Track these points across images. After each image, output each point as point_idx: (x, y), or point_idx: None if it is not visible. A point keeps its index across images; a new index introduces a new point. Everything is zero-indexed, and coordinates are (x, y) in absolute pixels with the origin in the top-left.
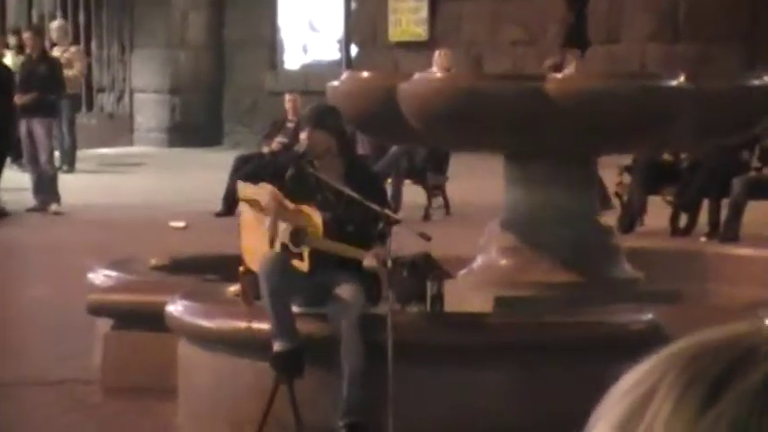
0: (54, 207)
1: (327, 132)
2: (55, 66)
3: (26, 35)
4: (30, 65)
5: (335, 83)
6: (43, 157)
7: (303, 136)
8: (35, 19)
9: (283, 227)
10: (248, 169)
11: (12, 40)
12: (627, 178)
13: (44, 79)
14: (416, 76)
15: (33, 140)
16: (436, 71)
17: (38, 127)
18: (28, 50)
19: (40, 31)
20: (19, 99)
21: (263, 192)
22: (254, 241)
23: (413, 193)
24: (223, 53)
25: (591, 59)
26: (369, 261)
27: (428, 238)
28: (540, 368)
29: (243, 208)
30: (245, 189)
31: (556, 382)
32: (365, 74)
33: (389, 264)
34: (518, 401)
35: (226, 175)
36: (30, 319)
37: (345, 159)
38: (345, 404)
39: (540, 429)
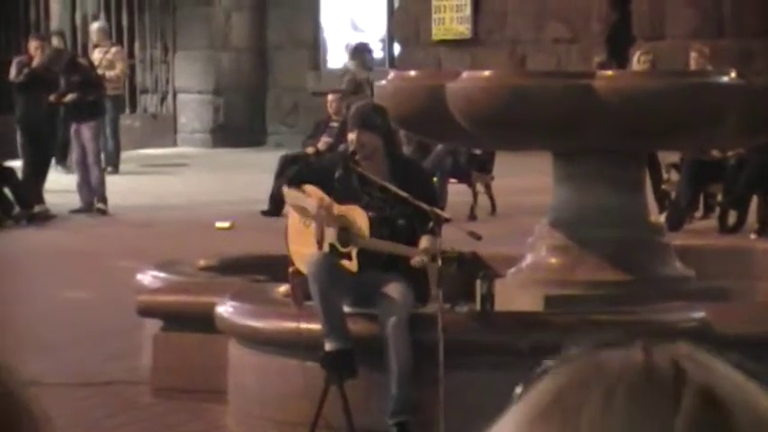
0: (99, 205)
1: (375, 133)
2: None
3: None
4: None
5: (383, 82)
6: (90, 159)
7: (351, 137)
8: (78, 21)
9: (330, 230)
10: (294, 172)
11: (55, 41)
12: (674, 176)
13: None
14: (464, 74)
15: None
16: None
17: (84, 129)
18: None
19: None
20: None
21: (310, 199)
22: (303, 243)
23: (459, 193)
24: (266, 54)
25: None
26: (417, 260)
27: (478, 237)
28: None
29: (290, 211)
30: (291, 195)
31: None
32: (412, 73)
33: (440, 260)
34: None
35: (270, 175)
36: (77, 321)
37: (393, 158)
38: (395, 404)
39: None
